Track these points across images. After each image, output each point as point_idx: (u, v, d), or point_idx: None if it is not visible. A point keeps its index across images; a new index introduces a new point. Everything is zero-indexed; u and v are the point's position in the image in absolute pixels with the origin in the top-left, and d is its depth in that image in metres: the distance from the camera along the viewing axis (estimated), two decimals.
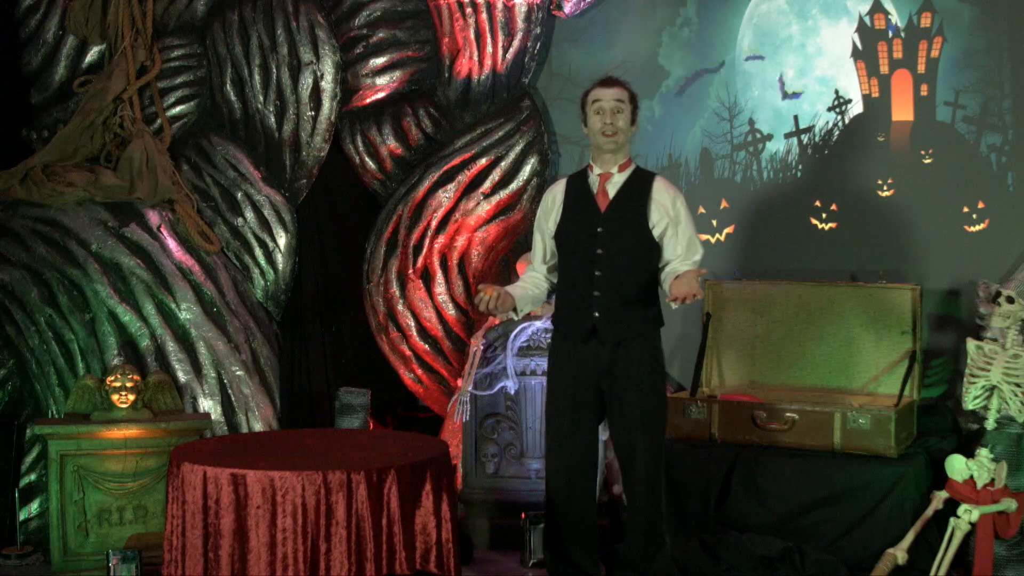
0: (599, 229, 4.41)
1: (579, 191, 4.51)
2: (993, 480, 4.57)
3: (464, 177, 6.25)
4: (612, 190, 4.46)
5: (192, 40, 6.27)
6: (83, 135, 5.90)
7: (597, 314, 4.38)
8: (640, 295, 4.43)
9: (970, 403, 4.97)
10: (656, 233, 4.43)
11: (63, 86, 6.15)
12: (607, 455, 5.65)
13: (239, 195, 6.14)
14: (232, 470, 3.87)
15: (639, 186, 4.48)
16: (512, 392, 5.58)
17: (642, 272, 4.45)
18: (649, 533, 4.54)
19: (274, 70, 6.20)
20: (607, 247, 4.39)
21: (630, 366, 4.42)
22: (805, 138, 5.87)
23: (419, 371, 6.34)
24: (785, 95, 5.87)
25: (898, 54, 5.70)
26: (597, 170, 4.51)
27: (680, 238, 4.45)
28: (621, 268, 4.41)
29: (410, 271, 6.28)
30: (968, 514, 4.53)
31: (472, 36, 6.25)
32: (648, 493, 4.50)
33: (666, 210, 4.44)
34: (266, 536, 3.83)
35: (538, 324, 5.56)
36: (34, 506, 5.47)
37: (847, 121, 5.80)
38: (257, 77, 6.20)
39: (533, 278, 4.64)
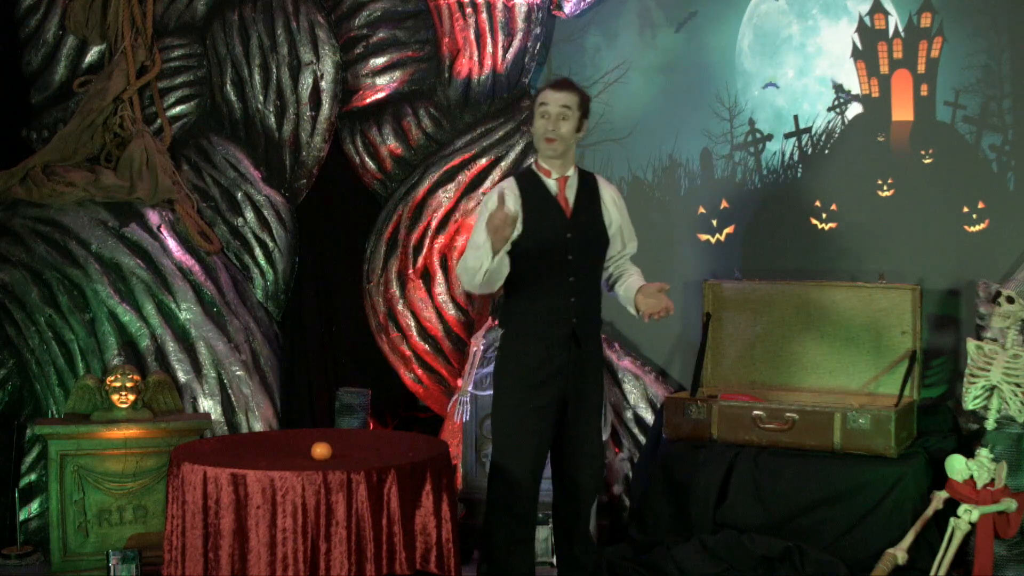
0: (568, 235, 4.32)
1: (537, 195, 4.33)
2: (993, 480, 4.57)
3: (464, 177, 6.25)
4: (571, 194, 4.37)
5: (192, 40, 6.27)
6: (83, 135, 5.90)
7: (575, 320, 4.32)
8: (599, 295, 4.46)
9: (970, 403, 4.98)
10: (611, 232, 4.46)
11: (63, 86, 6.15)
12: (607, 455, 5.65)
13: (239, 195, 6.14)
14: (232, 470, 3.87)
15: (590, 187, 4.44)
16: None
17: (600, 272, 4.49)
18: (587, 533, 4.56)
19: (274, 70, 6.20)
20: (577, 252, 4.33)
21: (590, 364, 4.42)
22: (805, 138, 5.87)
23: (419, 371, 6.34)
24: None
25: (898, 54, 5.70)
26: (554, 174, 4.36)
27: (625, 233, 4.50)
28: (589, 271, 4.39)
29: (410, 271, 6.28)
30: (968, 514, 4.53)
31: (472, 36, 6.25)
32: (597, 486, 4.55)
33: (615, 207, 4.47)
34: (266, 536, 3.83)
35: None
36: (34, 506, 5.47)
37: (847, 121, 5.80)
38: (257, 77, 6.21)
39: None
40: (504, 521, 4.38)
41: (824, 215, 5.83)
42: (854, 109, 5.78)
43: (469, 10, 6.22)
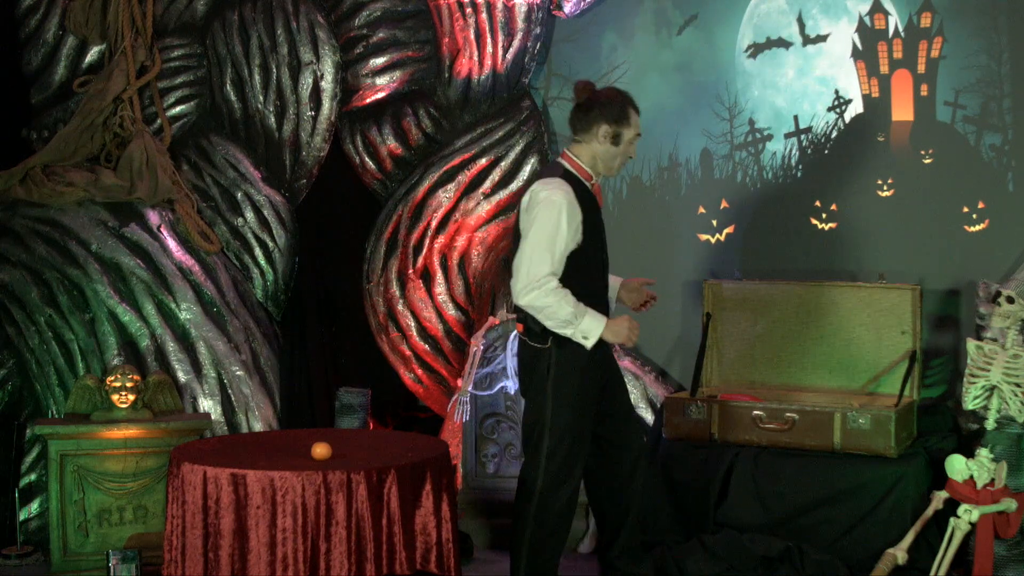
0: (603, 237, 4.47)
1: (590, 203, 4.35)
2: (993, 480, 4.57)
3: (464, 177, 6.25)
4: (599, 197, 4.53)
5: (192, 40, 6.27)
6: (83, 135, 5.90)
7: (609, 317, 4.43)
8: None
9: (970, 403, 4.97)
10: None
11: (63, 86, 6.15)
12: None
13: (239, 195, 6.14)
14: (232, 470, 3.87)
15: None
16: (512, 392, 5.58)
17: None
18: (637, 528, 4.64)
19: (274, 70, 6.20)
20: (608, 254, 4.49)
21: (614, 362, 4.60)
22: (805, 138, 5.87)
23: (419, 371, 6.34)
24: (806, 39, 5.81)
25: (898, 54, 5.70)
26: (595, 179, 4.41)
27: None
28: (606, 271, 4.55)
29: (410, 271, 6.28)
30: (968, 514, 4.53)
31: (472, 36, 6.25)
32: (642, 480, 4.61)
33: None
34: (266, 536, 3.83)
35: None
36: (34, 506, 5.47)
37: (847, 121, 5.80)
38: (257, 77, 6.21)
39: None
40: (548, 521, 4.36)
41: (824, 215, 5.83)
42: (854, 109, 5.78)
43: (469, 10, 6.22)
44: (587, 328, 4.17)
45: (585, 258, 4.27)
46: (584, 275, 4.27)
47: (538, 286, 4.12)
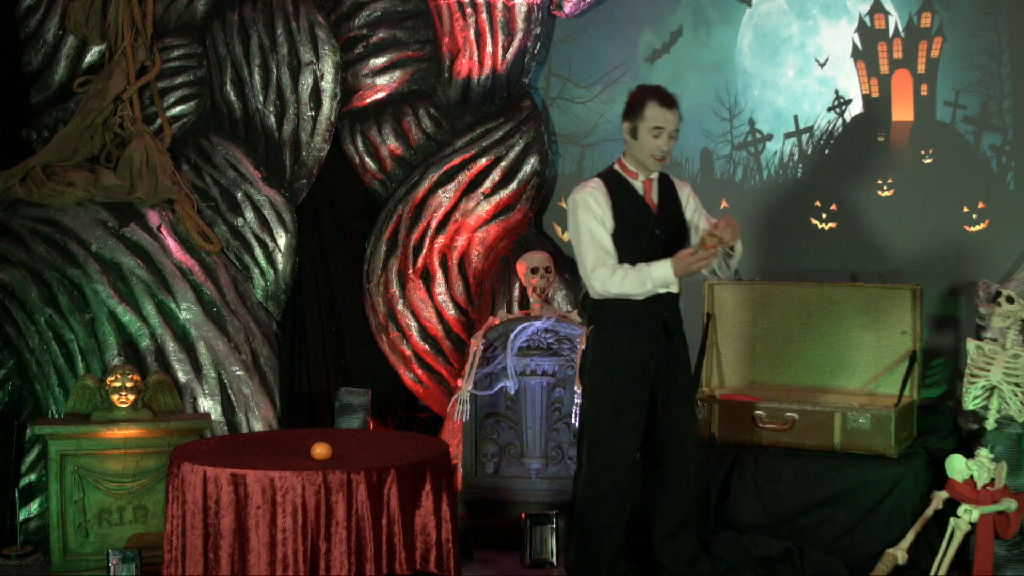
0: (656, 231, 4.51)
1: (626, 195, 4.51)
2: (993, 480, 4.57)
3: (464, 177, 6.25)
4: (655, 195, 4.56)
5: (192, 40, 6.27)
6: (83, 135, 5.90)
7: (666, 313, 4.49)
8: (680, 289, 4.59)
9: (970, 403, 4.97)
10: (692, 221, 4.65)
11: (63, 86, 6.15)
12: None
13: (239, 195, 6.14)
14: (232, 470, 3.87)
15: (669, 187, 4.63)
16: (512, 392, 5.58)
17: None
18: (693, 531, 4.67)
19: (274, 70, 6.20)
20: (663, 247, 4.49)
21: (680, 358, 4.62)
22: (805, 138, 5.87)
23: (419, 371, 6.34)
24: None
25: (898, 54, 5.70)
26: (641, 176, 4.53)
27: (703, 215, 4.66)
28: None
29: (410, 271, 6.28)
30: (968, 514, 4.53)
31: (472, 36, 6.25)
32: (697, 483, 4.66)
33: (694, 200, 4.68)
34: (266, 536, 3.83)
35: (538, 324, 5.56)
36: (34, 506, 5.47)
37: (847, 121, 5.80)
38: (257, 77, 6.20)
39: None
40: (591, 508, 4.51)
41: (824, 215, 5.83)
42: (854, 109, 5.78)
43: (469, 10, 6.22)
44: (659, 278, 4.34)
45: (628, 240, 4.45)
46: (632, 256, 4.43)
47: (594, 278, 4.42)
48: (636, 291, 4.37)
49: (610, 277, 4.38)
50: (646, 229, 4.49)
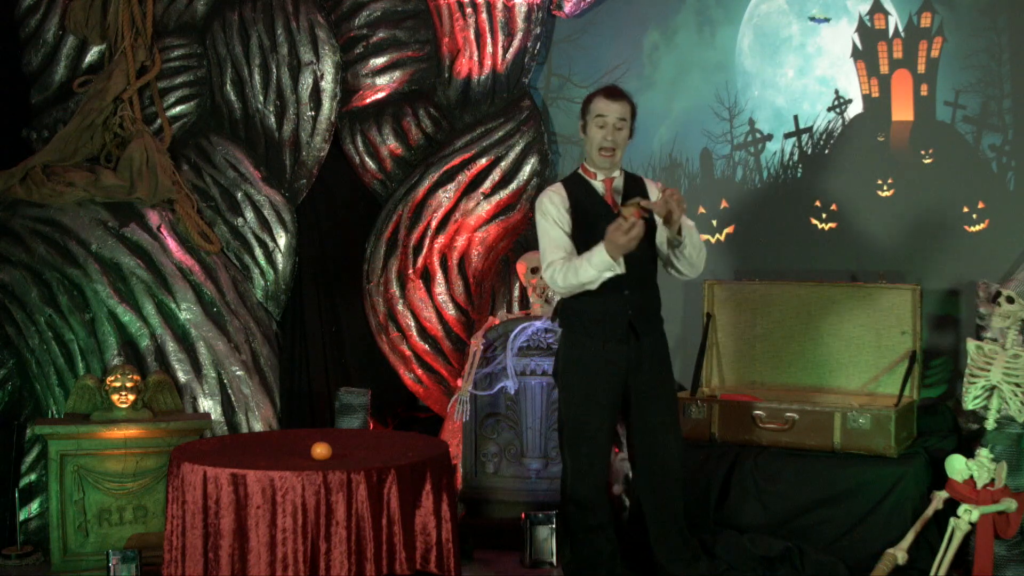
0: (601, 220, 4.46)
1: (584, 196, 4.54)
2: (993, 480, 4.57)
3: (464, 177, 6.25)
4: (617, 195, 4.56)
5: (192, 40, 6.27)
6: (83, 135, 5.90)
7: (631, 312, 4.47)
8: (655, 290, 4.60)
9: (970, 403, 4.97)
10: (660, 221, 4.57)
11: (63, 86, 6.15)
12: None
13: (239, 195, 6.14)
14: (232, 470, 3.87)
15: (639, 188, 4.62)
16: (512, 392, 5.58)
17: (653, 266, 4.62)
18: (683, 531, 4.66)
19: (274, 70, 6.20)
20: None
21: (655, 360, 4.57)
22: (805, 138, 5.87)
23: (419, 371, 6.34)
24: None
25: (898, 54, 5.70)
26: (600, 176, 4.56)
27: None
28: (641, 265, 4.52)
29: (410, 271, 6.28)
30: (968, 514, 4.53)
31: (472, 36, 6.25)
32: (678, 484, 4.63)
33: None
34: (266, 536, 3.83)
35: (538, 324, 5.56)
36: (34, 506, 5.47)
37: (847, 121, 5.80)
38: (257, 77, 6.20)
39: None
40: (578, 512, 4.56)
41: (824, 215, 5.83)
42: (854, 109, 5.78)
43: (469, 10, 6.22)
44: (597, 261, 4.32)
45: (589, 239, 4.43)
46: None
47: (547, 275, 4.48)
48: (584, 278, 4.35)
49: (558, 270, 4.42)
50: (604, 229, 4.43)
